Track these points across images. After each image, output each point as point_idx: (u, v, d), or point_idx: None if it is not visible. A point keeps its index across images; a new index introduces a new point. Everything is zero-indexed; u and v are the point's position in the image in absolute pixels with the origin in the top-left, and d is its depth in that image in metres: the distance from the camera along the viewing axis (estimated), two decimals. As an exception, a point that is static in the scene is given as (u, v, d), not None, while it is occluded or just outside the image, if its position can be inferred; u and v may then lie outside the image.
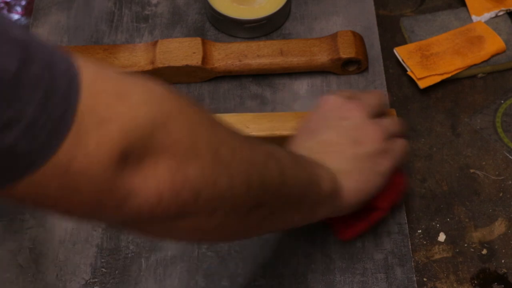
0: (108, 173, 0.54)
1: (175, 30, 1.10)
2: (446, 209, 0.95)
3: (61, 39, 1.08)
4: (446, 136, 1.01)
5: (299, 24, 1.10)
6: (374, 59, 1.05)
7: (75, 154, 0.52)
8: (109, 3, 1.12)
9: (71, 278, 0.89)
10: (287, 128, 0.94)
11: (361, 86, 1.03)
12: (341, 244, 0.90)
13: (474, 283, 0.89)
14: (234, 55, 1.03)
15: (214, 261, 0.89)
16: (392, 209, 0.90)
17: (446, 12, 1.12)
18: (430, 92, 1.05)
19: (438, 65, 1.04)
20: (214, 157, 0.62)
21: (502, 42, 1.07)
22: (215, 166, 0.62)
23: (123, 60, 1.03)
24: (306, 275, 0.88)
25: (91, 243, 0.91)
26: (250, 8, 1.08)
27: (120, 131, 0.54)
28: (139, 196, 0.56)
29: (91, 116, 0.53)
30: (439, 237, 0.93)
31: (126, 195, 0.56)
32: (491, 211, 0.95)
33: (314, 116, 0.87)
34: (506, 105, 1.04)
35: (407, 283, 0.87)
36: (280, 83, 1.04)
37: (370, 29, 1.08)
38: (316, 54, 1.03)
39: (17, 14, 1.69)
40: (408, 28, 1.10)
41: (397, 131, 0.88)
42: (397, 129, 0.88)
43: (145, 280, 0.88)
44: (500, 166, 0.98)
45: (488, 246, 0.92)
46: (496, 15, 1.10)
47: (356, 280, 0.87)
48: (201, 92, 1.04)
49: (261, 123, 0.95)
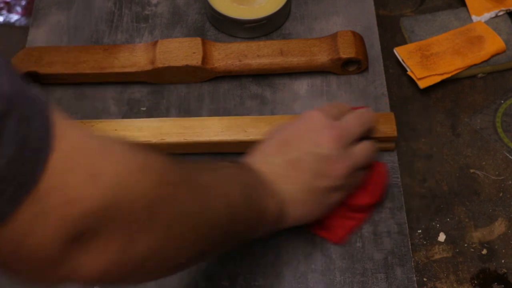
0: (59, 252, 0.53)
1: (175, 30, 1.10)
2: (446, 209, 0.95)
3: (61, 39, 1.08)
4: (446, 136, 1.01)
5: (299, 24, 1.10)
6: (374, 59, 1.05)
7: (32, 229, 0.51)
8: (109, 3, 1.12)
9: (71, 278, 0.88)
10: None
11: (361, 86, 1.03)
12: (341, 244, 0.90)
13: (474, 283, 0.89)
14: (234, 55, 1.03)
15: (214, 261, 0.89)
16: (380, 200, 0.91)
17: (446, 12, 1.12)
18: (430, 92, 1.05)
19: (438, 65, 1.04)
20: (167, 231, 0.62)
21: (502, 42, 1.07)
22: (166, 240, 0.62)
23: (123, 60, 1.03)
24: (306, 275, 0.88)
25: (91, 243, 0.91)
26: (250, 8, 1.08)
27: (82, 214, 0.53)
28: (83, 272, 0.56)
29: (56, 195, 0.51)
30: (439, 237, 0.93)
31: (71, 271, 0.56)
32: (491, 211, 0.95)
33: (292, 127, 0.86)
34: (506, 105, 1.04)
35: (407, 283, 0.87)
36: (280, 83, 1.04)
37: (370, 29, 1.08)
38: (316, 54, 1.03)
39: (17, 14, 1.69)
40: (408, 28, 1.10)
41: (368, 161, 0.88)
42: (369, 159, 0.88)
43: (145, 280, 0.88)
44: (500, 166, 0.98)
45: (488, 246, 0.92)
46: (496, 15, 1.10)
47: (356, 280, 0.87)
48: (201, 92, 1.04)
49: (259, 126, 0.95)
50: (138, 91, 1.03)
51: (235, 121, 0.96)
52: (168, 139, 0.95)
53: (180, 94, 1.03)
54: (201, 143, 0.95)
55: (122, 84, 1.04)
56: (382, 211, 0.92)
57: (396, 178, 0.94)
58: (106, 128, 0.96)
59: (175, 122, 0.96)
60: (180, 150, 0.96)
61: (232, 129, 0.95)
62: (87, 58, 1.03)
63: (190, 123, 0.96)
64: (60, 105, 1.02)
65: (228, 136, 0.95)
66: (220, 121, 0.96)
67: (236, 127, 0.95)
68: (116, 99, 1.03)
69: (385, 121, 0.95)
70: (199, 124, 0.96)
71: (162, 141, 0.94)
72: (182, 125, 0.96)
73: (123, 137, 0.94)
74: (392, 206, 0.92)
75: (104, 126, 0.96)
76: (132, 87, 1.04)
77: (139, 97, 1.03)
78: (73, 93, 1.03)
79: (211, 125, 0.96)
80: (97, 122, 0.97)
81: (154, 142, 0.94)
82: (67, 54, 1.04)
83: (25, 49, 1.04)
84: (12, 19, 1.68)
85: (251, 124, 0.96)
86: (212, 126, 0.95)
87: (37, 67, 1.02)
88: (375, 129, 0.93)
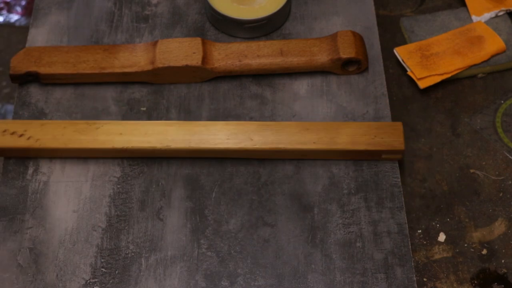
0: None
1: (175, 30, 1.10)
2: (446, 209, 0.95)
3: (61, 39, 1.09)
4: (446, 136, 1.01)
5: (299, 24, 1.10)
6: (374, 59, 1.05)
7: None
8: (109, 3, 1.12)
9: (71, 278, 0.89)
10: (293, 142, 0.95)
11: (361, 86, 1.03)
12: (341, 244, 0.90)
13: (474, 283, 0.89)
14: (234, 55, 1.03)
15: (214, 261, 0.89)
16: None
17: (446, 12, 1.12)
18: (430, 92, 1.05)
19: (438, 65, 1.05)
20: None
21: (502, 42, 1.07)
22: None
23: (123, 60, 1.03)
24: (306, 275, 0.88)
25: (91, 243, 0.91)
26: (250, 8, 1.08)
27: None
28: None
29: None
30: (439, 237, 0.93)
31: None
32: (491, 211, 0.95)
33: None
34: (506, 105, 1.04)
35: (407, 283, 0.87)
36: (280, 83, 1.04)
37: (370, 29, 1.08)
38: (316, 54, 1.03)
39: (17, 14, 1.69)
40: (408, 28, 1.10)
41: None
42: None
43: (145, 280, 0.88)
44: (500, 166, 0.98)
45: (488, 246, 0.92)
46: (496, 15, 1.10)
47: (356, 280, 0.87)
48: (201, 92, 1.04)
49: (265, 135, 0.95)
50: (138, 91, 1.04)
51: (242, 127, 0.96)
52: (174, 146, 0.95)
53: (180, 94, 1.03)
54: (207, 150, 0.95)
55: (122, 84, 1.04)
56: (382, 211, 0.92)
57: (396, 178, 0.94)
58: (111, 130, 0.96)
59: (180, 126, 0.96)
60: (185, 155, 0.96)
61: (238, 136, 0.95)
62: (87, 58, 1.03)
63: (196, 128, 0.96)
64: (60, 105, 1.02)
65: (234, 145, 0.95)
66: (226, 126, 0.96)
67: (242, 134, 0.95)
68: (116, 99, 1.03)
69: (392, 132, 0.94)
70: (205, 129, 0.96)
71: (168, 147, 0.95)
72: (188, 130, 0.96)
73: (128, 141, 0.95)
74: (392, 206, 0.92)
75: (109, 128, 0.96)
76: (132, 87, 1.04)
77: (139, 97, 1.03)
78: (73, 93, 1.03)
79: (217, 131, 0.96)
80: (103, 123, 0.97)
81: (159, 148, 0.95)
82: (67, 54, 1.04)
83: (25, 49, 1.04)
84: (12, 19, 1.68)
85: (257, 131, 0.96)
86: (218, 132, 0.96)
87: (37, 67, 1.02)
88: None
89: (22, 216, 0.93)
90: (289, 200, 0.94)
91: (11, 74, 1.02)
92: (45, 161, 0.97)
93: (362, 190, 0.94)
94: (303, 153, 0.95)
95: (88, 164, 0.97)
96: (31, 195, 0.94)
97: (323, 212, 0.93)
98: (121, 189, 0.95)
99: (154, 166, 0.97)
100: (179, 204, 0.94)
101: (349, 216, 0.92)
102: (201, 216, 0.93)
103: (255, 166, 0.96)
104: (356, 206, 0.93)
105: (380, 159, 0.95)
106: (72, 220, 0.93)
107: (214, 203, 0.94)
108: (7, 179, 0.96)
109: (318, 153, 0.95)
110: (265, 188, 0.95)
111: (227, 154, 0.96)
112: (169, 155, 0.96)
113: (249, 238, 0.91)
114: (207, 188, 0.95)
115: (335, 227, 0.91)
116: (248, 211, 0.93)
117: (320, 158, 0.96)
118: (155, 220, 0.93)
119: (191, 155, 0.96)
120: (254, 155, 0.95)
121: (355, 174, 0.95)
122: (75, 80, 1.03)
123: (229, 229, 0.92)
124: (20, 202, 0.94)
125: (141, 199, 0.94)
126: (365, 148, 0.94)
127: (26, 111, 1.01)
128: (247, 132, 0.96)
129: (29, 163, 0.97)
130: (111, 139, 0.95)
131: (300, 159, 0.96)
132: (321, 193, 0.94)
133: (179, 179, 0.96)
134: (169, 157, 0.97)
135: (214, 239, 0.91)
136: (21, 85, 1.04)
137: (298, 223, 0.92)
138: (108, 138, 0.96)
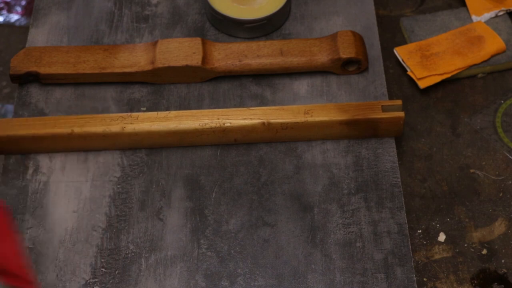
0: None
1: (175, 30, 1.10)
2: (446, 209, 0.95)
3: (61, 39, 1.09)
4: (446, 136, 1.01)
5: (299, 24, 1.10)
6: (374, 59, 1.05)
7: None
8: (109, 3, 1.12)
9: (71, 278, 0.89)
10: None
11: (361, 86, 1.03)
12: (341, 244, 0.90)
13: (474, 283, 0.89)
14: (234, 55, 1.03)
15: (214, 261, 0.89)
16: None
17: (446, 12, 1.12)
18: (430, 92, 1.06)
19: (438, 65, 1.05)
20: None
21: (502, 42, 1.07)
22: None
23: (123, 60, 1.03)
24: (306, 275, 0.88)
25: (91, 243, 0.91)
26: (250, 8, 1.08)
27: None
28: None
29: None
30: (439, 237, 0.93)
31: None
32: (491, 211, 0.95)
33: None
34: (506, 105, 1.04)
35: (407, 283, 0.87)
36: (280, 83, 1.04)
37: (370, 29, 1.08)
38: (316, 54, 1.03)
39: (17, 14, 1.69)
40: (408, 28, 1.10)
41: None
42: None
43: (145, 280, 0.88)
44: (500, 166, 0.98)
45: (488, 246, 0.92)
46: (496, 15, 1.10)
47: (356, 280, 0.87)
48: (201, 92, 1.04)
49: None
50: (138, 91, 1.04)
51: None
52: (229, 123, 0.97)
53: (180, 94, 1.03)
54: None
55: (122, 84, 1.04)
56: (382, 211, 0.92)
57: (396, 178, 0.95)
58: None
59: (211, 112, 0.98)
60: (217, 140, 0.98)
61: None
62: (87, 58, 1.03)
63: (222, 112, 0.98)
64: (60, 105, 1.02)
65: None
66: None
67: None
68: (116, 99, 1.03)
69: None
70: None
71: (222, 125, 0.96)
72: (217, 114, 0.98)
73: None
74: (392, 206, 0.92)
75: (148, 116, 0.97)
76: (132, 87, 1.04)
77: (139, 97, 1.03)
78: (73, 93, 1.03)
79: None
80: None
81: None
82: (67, 54, 1.04)
83: (25, 49, 1.05)
84: (12, 19, 1.68)
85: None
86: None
87: (37, 67, 1.02)
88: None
89: (22, 216, 0.93)
90: (289, 200, 0.94)
91: (11, 74, 1.02)
92: (45, 161, 0.97)
93: (362, 190, 0.94)
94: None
95: (88, 164, 0.97)
96: (31, 195, 0.95)
97: (323, 212, 0.93)
98: (121, 189, 0.95)
99: (154, 166, 0.97)
100: (179, 204, 0.94)
101: (349, 216, 0.92)
102: (201, 216, 0.93)
103: (255, 166, 0.96)
104: (356, 206, 0.93)
105: (379, 134, 0.96)
106: (72, 220, 0.93)
107: (214, 203, 0.94)
108: (7, 179, 0.96)
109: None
110: (265, 188, 0.95)
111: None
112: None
113: (249, 238, 0.91)
114: (207, 188, 0.95)
115: (335, 227, 0.91)
116: (248, 211, 0.93)
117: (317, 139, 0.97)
118: (155, 220, 0.93)
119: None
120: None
121: (355, 174, 0.95)
122: (75, 80, 1.03)
123: (229, 229, 0.92)
124: (20, 202, 0.94)
125: (141, 199, 0.94)
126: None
127: (26, 111, 1.01)
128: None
129: (29, 163, 0.97)
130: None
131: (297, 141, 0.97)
132: (321, 193, 0.94)
133: (179, 179, 0.96)
134: (168, 158, 0.97)
135: (214, 239, 0.91)
136: (21, 85, 1.04)
137: (298, 223, 0.92)
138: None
